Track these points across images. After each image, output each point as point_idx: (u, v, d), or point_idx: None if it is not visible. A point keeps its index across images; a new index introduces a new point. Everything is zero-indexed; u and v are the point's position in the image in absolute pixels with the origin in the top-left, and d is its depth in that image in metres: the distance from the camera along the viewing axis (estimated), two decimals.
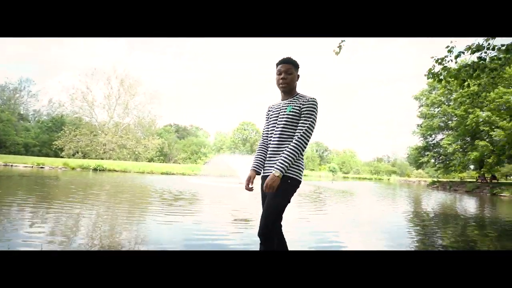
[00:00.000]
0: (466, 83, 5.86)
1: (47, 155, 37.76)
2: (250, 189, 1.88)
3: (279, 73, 1.85)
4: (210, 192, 9.93)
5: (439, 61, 5.75)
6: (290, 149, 1.70)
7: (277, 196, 1.70)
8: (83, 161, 26.68)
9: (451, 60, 5.62)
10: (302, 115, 1.77)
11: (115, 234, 3.50)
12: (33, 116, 51.55)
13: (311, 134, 1.74)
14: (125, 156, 43.22)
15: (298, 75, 1.90)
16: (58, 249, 2.75)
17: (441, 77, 5.86)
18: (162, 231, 3.84)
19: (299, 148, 1.70)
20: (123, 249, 2.87)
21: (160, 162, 49.49)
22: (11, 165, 20.72)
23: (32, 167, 20.92)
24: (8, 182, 9.81)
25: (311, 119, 1.75)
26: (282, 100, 1.92)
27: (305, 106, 1.77)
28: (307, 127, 1.73)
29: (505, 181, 31.86)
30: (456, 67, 5.85)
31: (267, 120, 2.00)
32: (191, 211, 5.82)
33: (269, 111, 2.01)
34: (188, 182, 14.90)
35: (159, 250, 2.86)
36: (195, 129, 78.03)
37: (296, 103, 1.81)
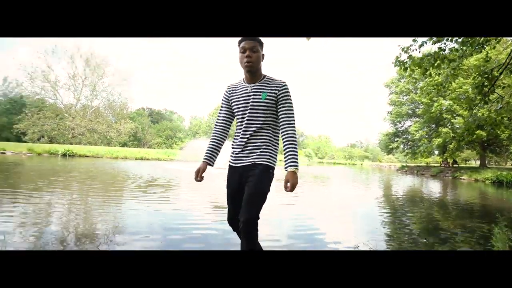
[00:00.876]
0: (428, 72, 6.22)
1: (7, 140, 35.02)
2: (200, 180, 1.85)
3: (243, 51, 1.66)
4: (188, 178, 9.83)
5: (405, 49, 6.06)
6: (292, 143, 1.68)
7: (261, 184, 1.66)
8: (50, 146, 25.14)
9: (415, 49, 5.94)
10: (281, 104, 1.71)
11: (90, 223, 3.41)
12: None
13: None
14: (96, 140, 41.27)
15: (263, 54, 1.74)
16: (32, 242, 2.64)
17: (407, 65, 6.16)
18: (140, 219, 3.79)
19: (296, 140, 1.72)
20: (99, 238, 2.82)
21: (134, 147, 47.89)
22: None
23: None
24: None
25: (292, 108, 1.73)
26: (248, 83, 1.74)
27: (282, 93, 1.70)
28: (292, 117, 1.73)
29: (464, 165, 34.66)
30: (420, 56, 6.19)
31: (227, 102, 1.84)
32: (169, 198, 5.76)
33: (231, 93, 1.81)
34: (166, 167, 14.62)
35: (147, 250, 2.83)
36: (170, 113, 75.74)
37: (271, 90, 1.70)
